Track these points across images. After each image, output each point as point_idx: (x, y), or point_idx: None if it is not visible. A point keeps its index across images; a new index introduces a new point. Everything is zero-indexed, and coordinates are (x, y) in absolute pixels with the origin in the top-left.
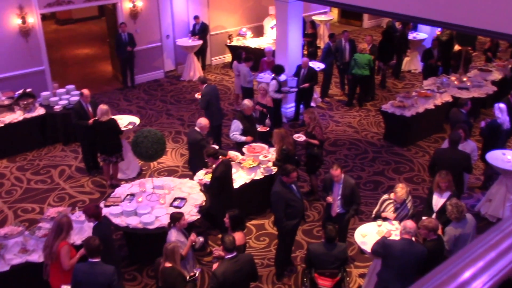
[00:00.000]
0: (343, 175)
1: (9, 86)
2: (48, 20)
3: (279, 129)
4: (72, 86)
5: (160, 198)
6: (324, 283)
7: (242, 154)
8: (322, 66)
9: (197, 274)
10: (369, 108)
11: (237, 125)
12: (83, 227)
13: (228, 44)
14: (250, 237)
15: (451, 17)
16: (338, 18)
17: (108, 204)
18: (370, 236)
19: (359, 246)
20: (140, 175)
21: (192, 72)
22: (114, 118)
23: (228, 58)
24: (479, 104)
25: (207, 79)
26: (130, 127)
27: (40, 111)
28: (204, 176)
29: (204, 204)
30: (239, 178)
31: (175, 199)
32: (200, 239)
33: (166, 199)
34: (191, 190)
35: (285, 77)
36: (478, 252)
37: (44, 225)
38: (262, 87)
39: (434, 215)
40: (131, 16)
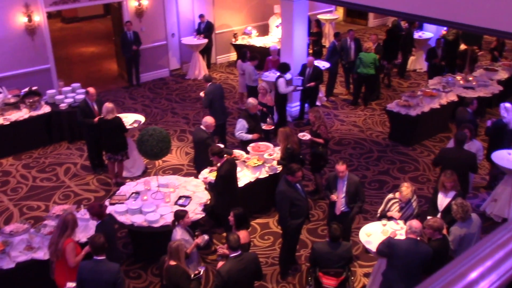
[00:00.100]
0: (347, 171)
1: (15, 84)
2: (54, 19)
3: (284, 128)
4: (77, 84)
5: (165, 196)
6: (329, 282)
7: (247, 152)
8: (327, 65)
9: (201, 272)
10: (374, 107)
11: (242, 124)
12: (88, 225)
13: (233, 42)
14: (254, 235)
15: (457, 16)
16: (343, 17)
17: (113, 202)
18: (375, 235)
19: (363, 246)
20: (145, 173)
21: (197, 71)
22: (120, 116)
23: (233, 56)
24: (485, 103)
25: (212, 78)
26: (135, 125)
27: (46, 109)
28: (208, 174)
29: (208, 202)
30: (244, 177)
31: (180, 198)
32: (205, 237)
33: (171, 197)
34: (196, 189)
35: (290, 75)
36: (486, 252)
37: (50, 222)
38: (262, 86)
39: (439, 215)
40: (137, 14)
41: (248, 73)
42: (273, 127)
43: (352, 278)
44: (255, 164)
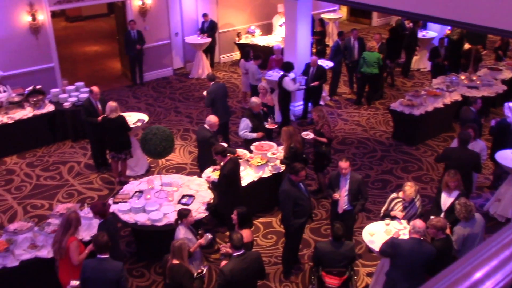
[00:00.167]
0: (350, 169)
1: (19, 82)
2: (58, 17)
3: (287, 127)
4: (81, 83)
5: (168, 195)
6: (332, 282)
7: (250, 152)
8: (330, 64)
9: (204, 271)
10: (377, 106)
11: (246, 123)
12: (91, 223)
13: (236, 42)
14: (257, 235)
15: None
16: (347, 16)
17: (117, 201)
18: (378, 235)
19: (367, 245)
20: (148, 172)
21: (200, 70)
22: (123, 115)
23: (236, 56)
24: (489, 103)
25: (215, 77)
26: (139, 124)
27: (50, 108)
28: (212, 173)
29: (212, 201)
30: (247, 176)
31: (183, 196)
32: (208, 235)
33: (174, 196)
34: (199, 188)
35: (293, 75)
36: (492, 251)
37: (53, 221)
38: (262, 86)
39: (442, 215)
40: (140, 13)
41: (252, 72)
42: (276, 126)
43: (355, 277)
44: (258, 163)
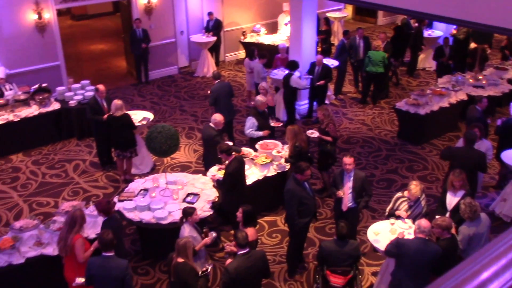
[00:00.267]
0: (354, 166)
1: (25, 80)
2: (64, 16)
3: (292, 125)
4: (87, 81)
5: (173, 193)
6: (336, 281)
7: (255, 150)
8: (336, 63)
9: (209, 270)
10: (383, 105)
11: (252, 122)
12: (96, 221)
13: (242, 40)
14: (262, 233)
15: (467, 14)
16: (352, 15)
17: (122, 199)
18: (383, 234)
19: (371, 244)
20: (153, 170)
21: (205, 68)
22: (128, 113)
23: (242, 54)
24: (495, 102)
25: (220, 75)
26: (144, 122)
27: (56, 106)
28: (217, 172)
29: (216, 200)
30: (252, 175)
31: (188, 195)
32: (213, 234)
33: (179, 194)
34: (204, 186)
35: (299, 73)
36: (500, 250)
37: (59, 218)
38: (262, 86)
39: (447, 214)
40: (146, 12)
41: (257, 71)
42: (281, 124)
43: (360, 276)
44: (263, 162)
